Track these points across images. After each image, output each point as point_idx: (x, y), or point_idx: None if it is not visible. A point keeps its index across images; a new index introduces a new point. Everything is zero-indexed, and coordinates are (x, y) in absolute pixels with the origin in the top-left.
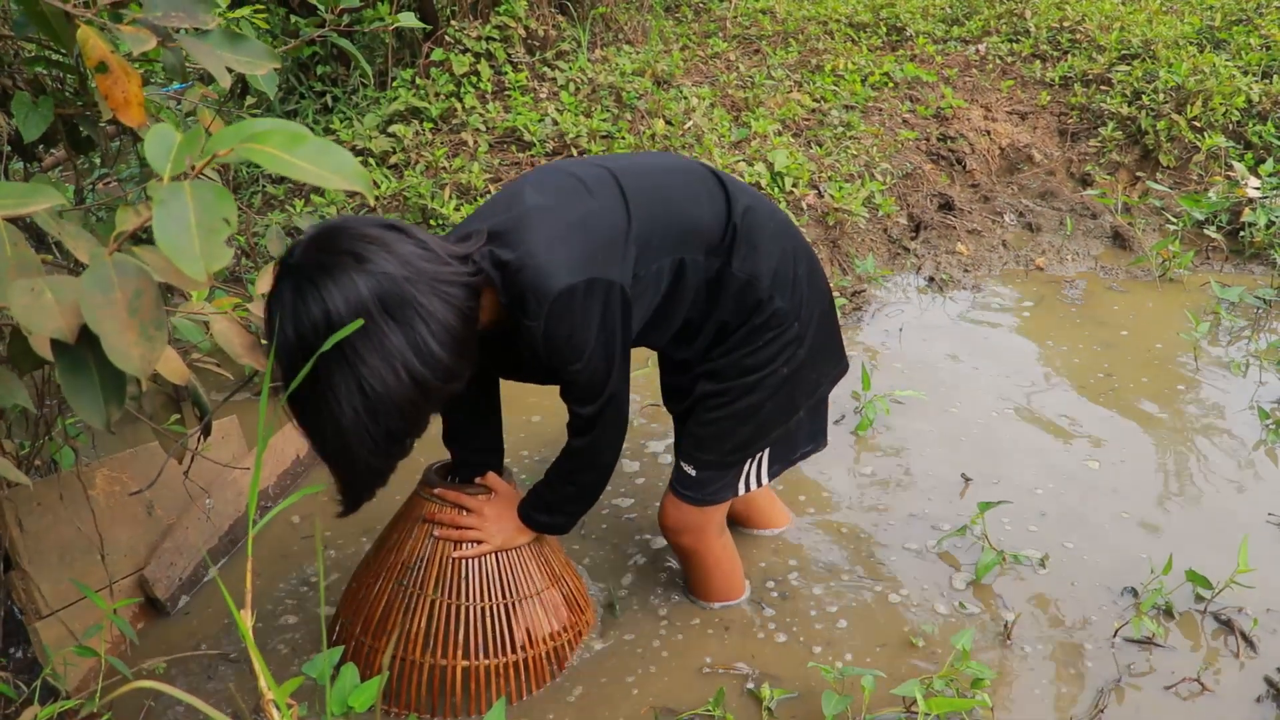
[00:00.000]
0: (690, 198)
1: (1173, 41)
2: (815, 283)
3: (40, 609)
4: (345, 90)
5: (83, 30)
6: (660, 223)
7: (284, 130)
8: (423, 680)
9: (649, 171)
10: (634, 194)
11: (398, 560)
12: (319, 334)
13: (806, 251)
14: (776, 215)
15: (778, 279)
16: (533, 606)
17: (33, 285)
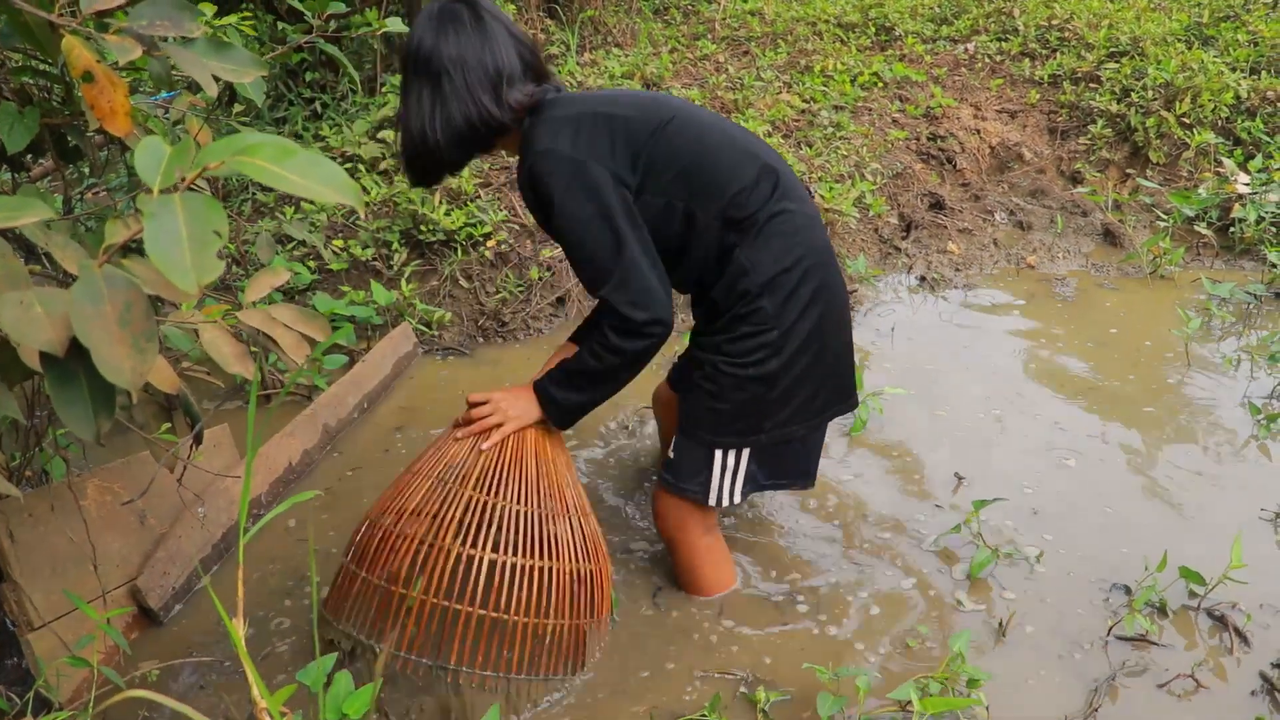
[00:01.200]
0: (728, 165)
1: (1161, 39)
2: (819, 310)
3: (32, 620)
4: (334, 96)
5: (67, 40)
6: (681, 164)
7: (274, 143)
8: (448, 567)
9: (710, 126)
10: (673, 129)
11: (438, 464)
12: (404, 49)
13: (826, 281)
14: (810, 231)
15: (775, 283)
16: (564, 525)
17: (21, 298)
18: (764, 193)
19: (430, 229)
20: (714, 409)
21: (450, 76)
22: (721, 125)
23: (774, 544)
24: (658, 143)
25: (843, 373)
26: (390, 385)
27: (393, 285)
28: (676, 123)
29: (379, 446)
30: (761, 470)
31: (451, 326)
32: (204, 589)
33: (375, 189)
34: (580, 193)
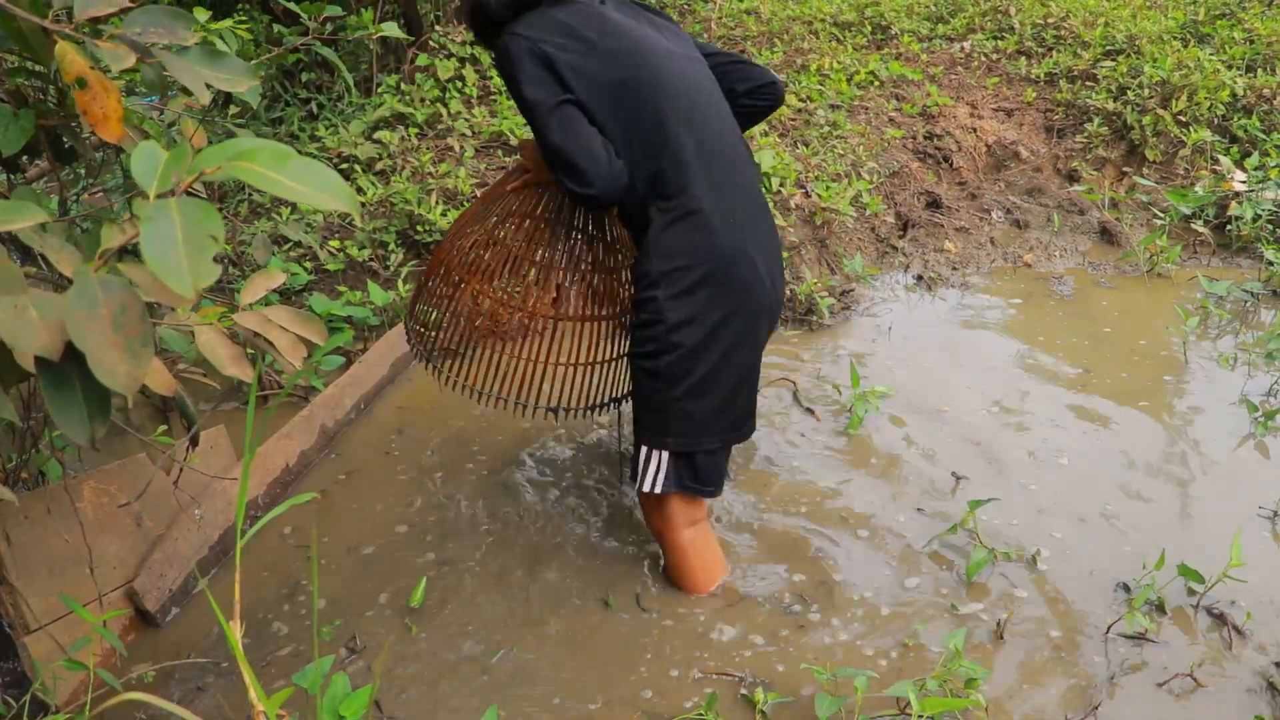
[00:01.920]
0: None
1: (1157, 36)
2: (715, 318)
3: (29, 623)
4: (330, 97)
5: (60, 46)
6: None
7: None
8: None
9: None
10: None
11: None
12: None
13: (731, 291)
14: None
15: (672, 276)
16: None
17: (16, 301)
18: (689, 175)
19: (426, 229)
20: (635, 400)
21: None
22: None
23: (771, 543)
24: (619, 95)
25: (742, 399)
26: (387, 386)
27: (389, 286)
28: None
29: (377, 448)
30: (683, 473)
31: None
32: (201, 591)
33: (371, 189)
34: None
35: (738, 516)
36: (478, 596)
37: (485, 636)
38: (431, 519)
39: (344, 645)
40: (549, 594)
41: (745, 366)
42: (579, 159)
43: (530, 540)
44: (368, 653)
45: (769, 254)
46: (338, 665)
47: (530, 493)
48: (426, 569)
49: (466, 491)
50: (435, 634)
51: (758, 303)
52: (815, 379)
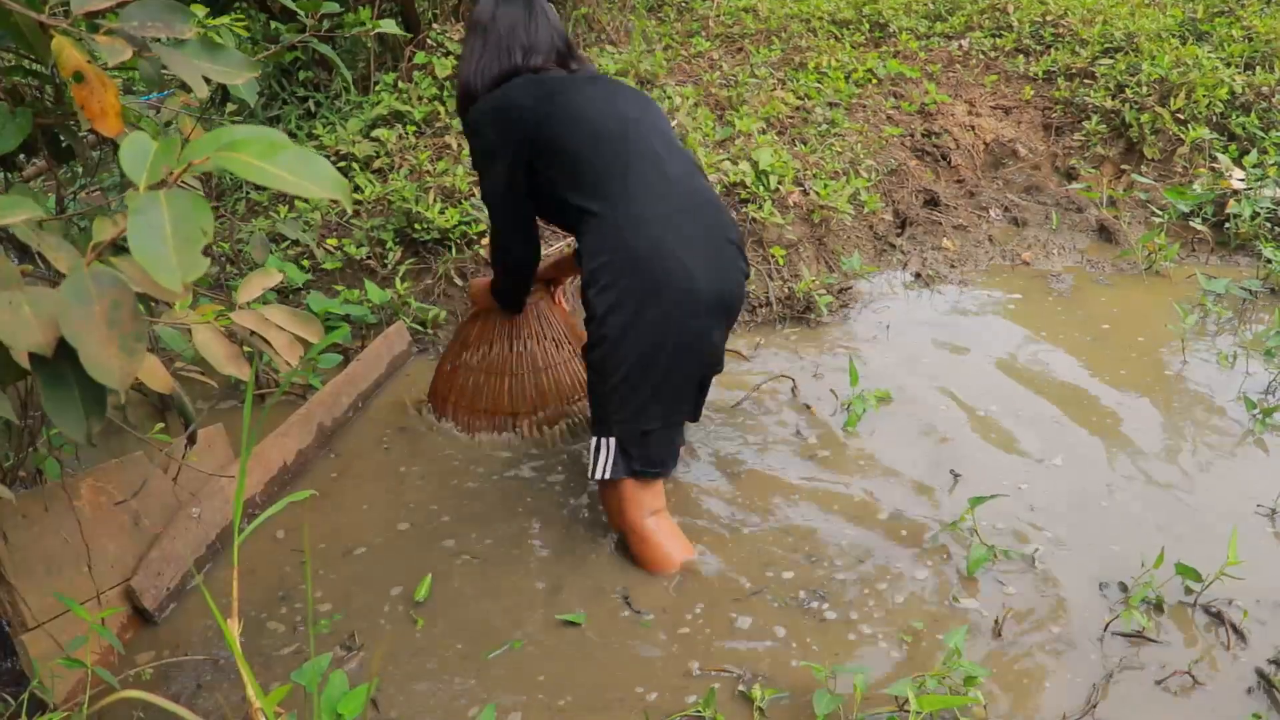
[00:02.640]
0: (589, 158)
1: (1155, 34)
2: (626, 316)
3: (26, 621)
4: (328, 95)
5: (57, 40)
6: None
7: (262, 138)
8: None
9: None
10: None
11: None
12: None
13: (644, 289)
14: (635, 235)
15: (594, 276)
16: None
17: (10, 298)
18: (607, 189)
19: (424, 227)
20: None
21: (495, 33)
22: (597, 119)
23: (769, 541)
24: (543, 131)
25: (695, 372)
26: (385, 384)
27: (387, 284)
28: (558, 101)
29: (375, 446)
30: (632, 458)
31: (446, 325)
32: (198, 589)
33: (369, 187)
34: (480, 153)
35: (733, 511)
36: (477, 595)
37: (484, 634)
38: (430, 517)
39: (342, 643)
40: (550, 591)
41: (680, 351)
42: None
43: (531, 538)
44: (366, 650)
45: (703, 248)
46: (336, 663)
47: (531, 491)
48: (426, 567)
49: (467, 490)
50: (433, 632)
51: (682, 291)
52: (813, 376)
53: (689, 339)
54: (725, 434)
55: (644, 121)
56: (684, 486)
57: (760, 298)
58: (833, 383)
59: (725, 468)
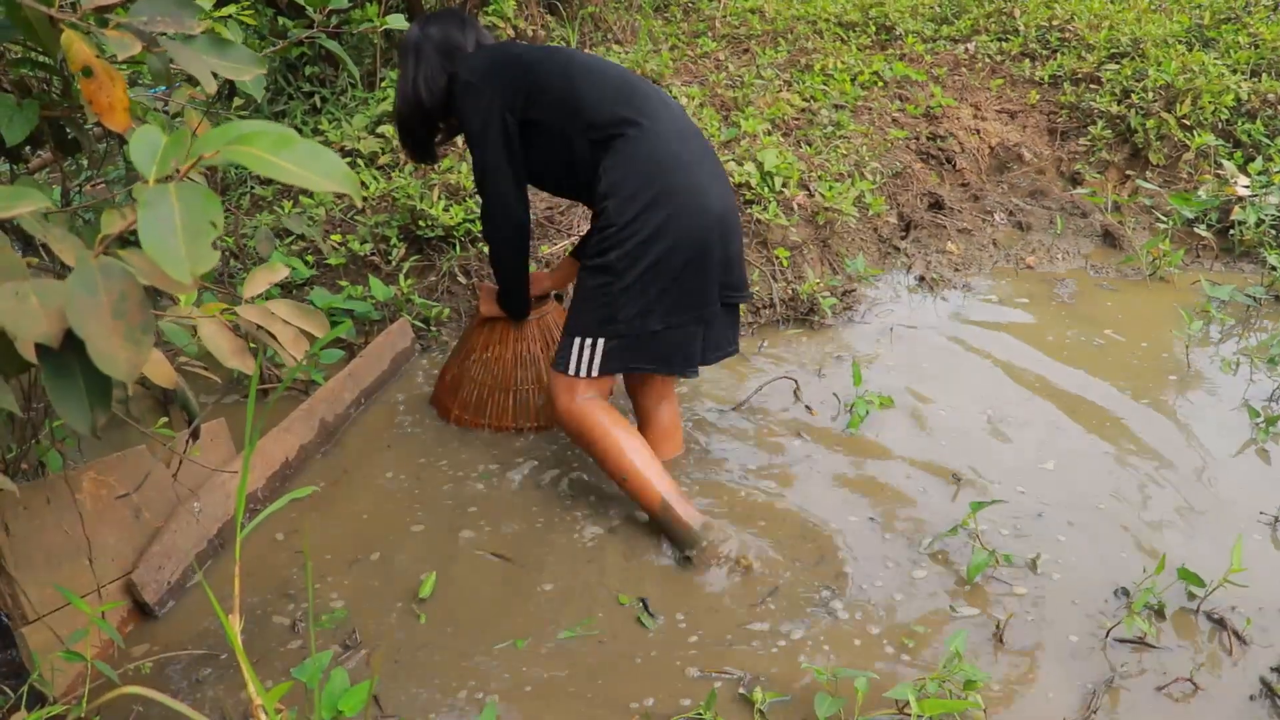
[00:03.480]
0: (588, 93)
1: (1162, 40)
2: (658, 216)
3: (27, 614)
4: (334, 91)
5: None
6: (553, 93)
7: (271, 132)
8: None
9: (579, 63)
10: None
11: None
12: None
13: (667, 191)
14: (657, 148)
15: (617, 188)
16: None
17: (17, 289)
18: (616, 115)
19: (429, 224)
20: (576, 298)
21: (428, 48)
22: (589, 63)
23: (770, 543)
24: (540, 73)
25: (690, 284)
26: (388, 381)
27: (391, 280)
28: (557, 57)
29: (377, 442)
30: (625, 354)
31: (450, 322)
32: (200, 583)
33: (374, 184)
34: (473, 112)
35: (734, 515)
36: (480, 593)
37: (486, 632)
38: (434, 516)
39: (343, 640)
40: (552, 591)
41: (692, 257)
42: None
43: (534, 536)
44: (367, 647)
45: (710, 167)
46: (337, 660)
47: (536, 488)
48: (430, 565)
49: (470, 487)
50: (435, 630)
51: (697, 202)
52: (817, 378)
53: (701, 246)
54: (728, 434)
55: (632, 74)
56: (680, 484)
57: (764, 299)
58: (835, 385)
59: (726, 468)
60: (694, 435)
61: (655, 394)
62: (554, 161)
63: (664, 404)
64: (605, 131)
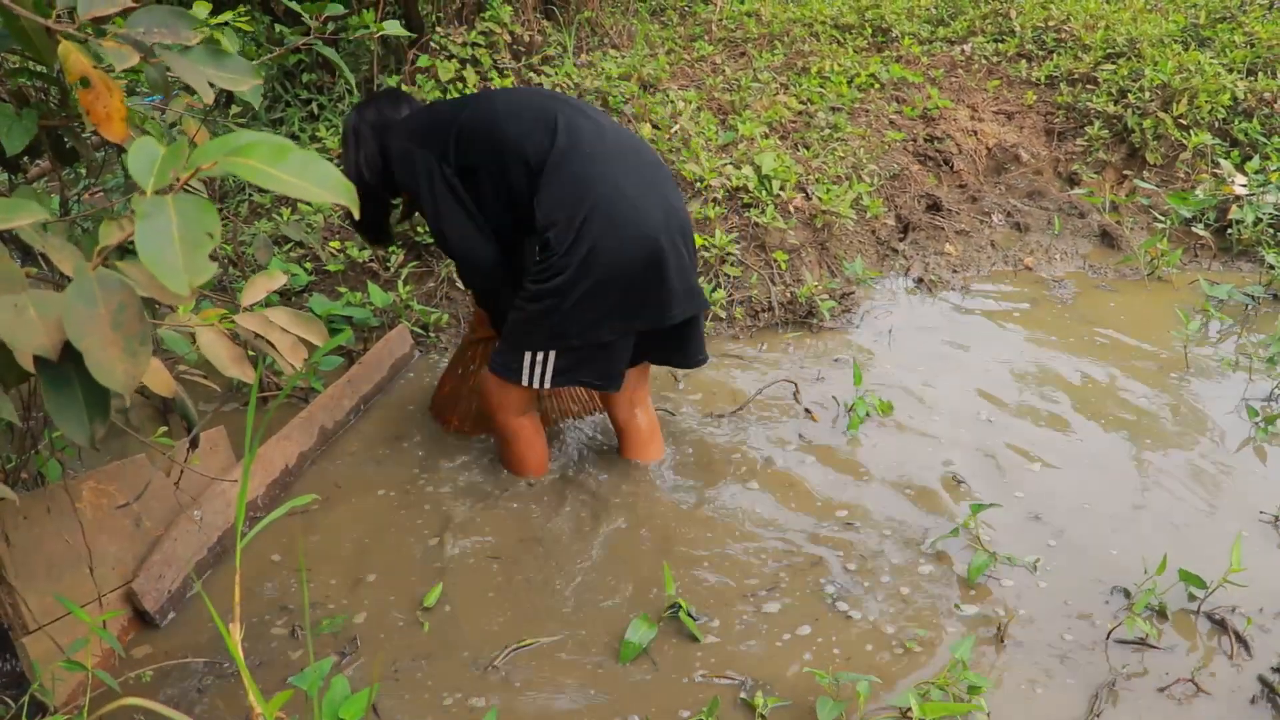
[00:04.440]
0: (515, 127)
1: (1158, 40)
2: (591, 239)
3: (27, 623)
4: (331, 98)
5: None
6: (482, 134)
7: (268, 143)
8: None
9: (503, 99)
10: (470, 109)
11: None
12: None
13: (603, 214)
14: (591, 170)
15: (555, 217)
16: None
17: (15, 300)
18: (545, 144)
19: (426, 230)
20: (516, 320)
21: (364, 130)
22: (510, 98)
23: (770, 546)
24: (463, 121)
25: (641, 297)
26: (387, 387)
27: (389, 287)
28: (476, 101)
29: (376, 449)
30: (572, 370)
31: (448, 329)
32: (200, 592)
33: None
34: (415, 177)
35: (732, 516)
36: (481, 602)
37: (486, 640)
38: (432, 519)
39: (343, 648)
40: (553, 598)
41: (635, 269)
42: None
43: (534, 543)
44: (367, 655)
45: (645, 176)
46: (337, 668)
47: (535, 494)
48: (432, 572)
49: (469, 492)
50: (435, 638)
51: (633, 214)
52: (815, 380)
53: (643, 258)
54: (727, 438)
55: (556, 93)
56: (680, 488)
57: (762, 302)
58: (834, 387)
59: (726, 471)
60: (694, 438)
61: (627, 402)
62: (497, 205)
63: (639, 410)
64: (534, 163)
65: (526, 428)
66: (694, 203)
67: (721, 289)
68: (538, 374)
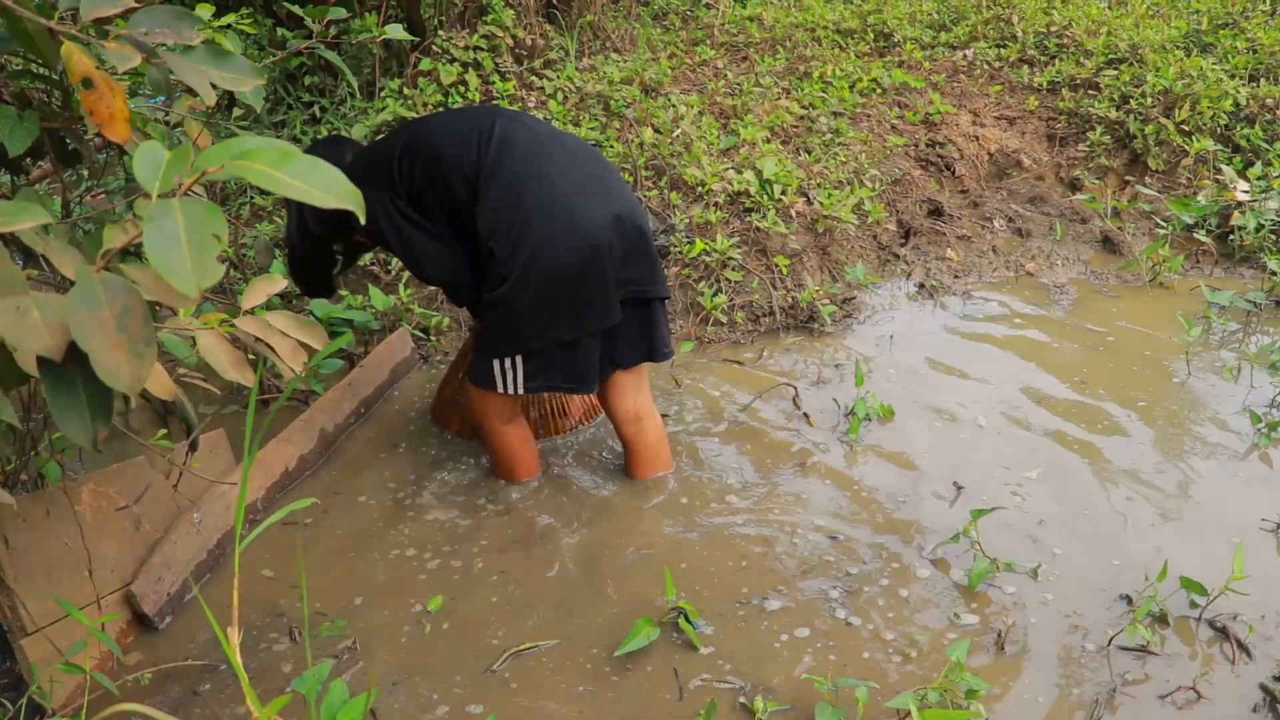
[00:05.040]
0: (448, 146)
1: (1160, 45)
2: (531, 247)
3: (26, 625)
4: (333, 100)
5: (66, 47)
6: (421, 158)
7: (274, 148)
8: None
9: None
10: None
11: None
12: None
13: (541, 220)
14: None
15: (495, 229)
16: None
17: (19, 303)
18: (479, 155)
19: None
20: (481, 329)
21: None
22: (443, 119)
23: (771, 552)
24: (401, 149)
25: (589, 291)
26: (388, 391)
27: (390, 290)
28: (412, 127)
29: (377, 451)
30: (542, 373)
31: (449, 332)
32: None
33: None
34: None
35: (731, 521)
36: (482, 606)
37: (485, 646)
38: (432, 525)
39: (342, 651)
40: (552, 605)
41: (583, 268)
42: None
43: (533, 548)
44: (366, 659)
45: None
46: (336, 671)
47: (534, 499)
48: (428, 577)
49: (469, 498)
50: (434, 643)
51: (567, 216)
52: (816, 385)
53: (586, 254)
54: (727, 442)
55: (493, 106)
56: (680, 493)
57: (764, 306)
58: (835, 391)
59: (725, 476)
60: (693, 443)
61: (631, 415)
62: (449, 225)
63: (646, 421)
64: (470, 175)
65: (512, 435)
66: (695, 207)
67: (723, 293)
68: (510, 379)
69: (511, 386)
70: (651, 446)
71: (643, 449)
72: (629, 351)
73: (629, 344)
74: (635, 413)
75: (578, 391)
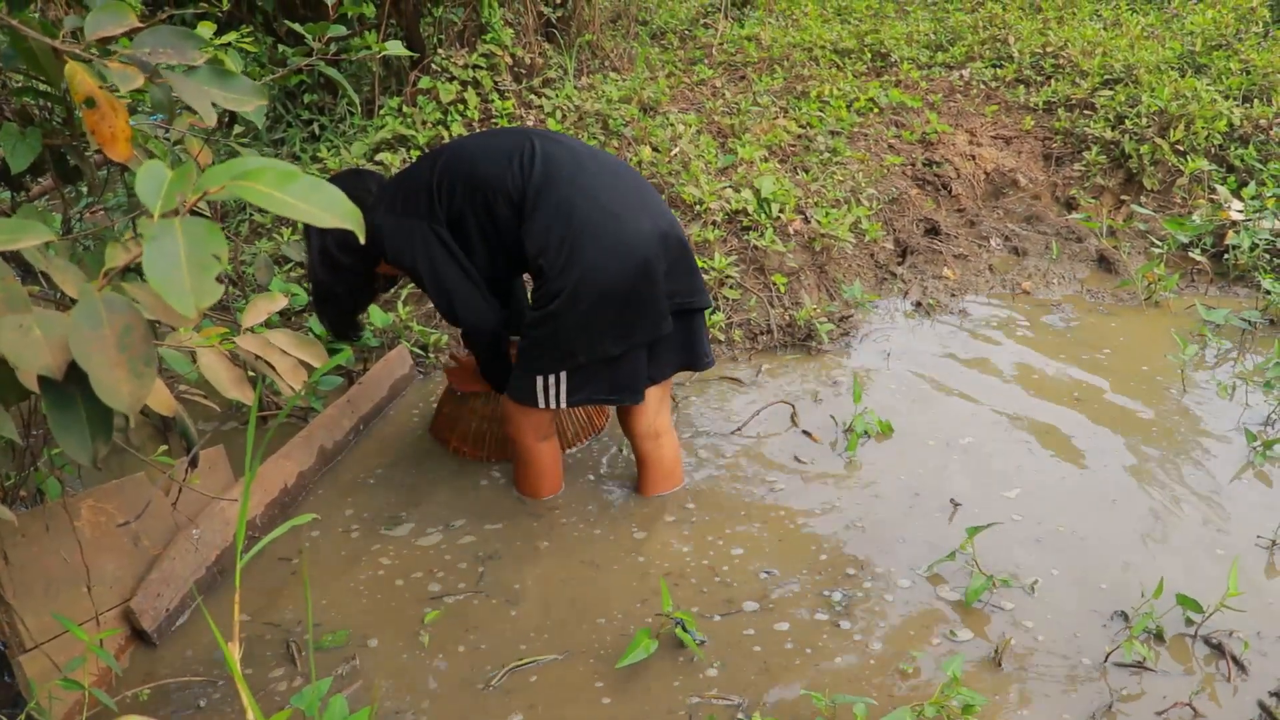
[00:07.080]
0: (492, 165)
1: (1154, 66)
2: (583, 263)
3: (24, 641)
4: (332, 118)
5: (70, 66)
6: (461, 179)
7: (275, 168)
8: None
9: (475, 141)
10: (445, 157)
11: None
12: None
13: (590, 236)
14: (573, 197)
15: (545, 246)
16: None
17: (20, 321)
18: (524, 176)
19: None
20: (524, 346)
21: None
22: (480, 142)
23: (767, 566)
24: (439, 173)
25: (639, 307)
26: (386, 407)
27: (389, 307)
28: (448, 151)
29: (375, 468)
30: (587, 387)
31: (447, 349)
32: (198, 611)
33: None
34: (412, 250)
35: (729, 536)
36: (477, 619)
37: (484, 660)
38: (432, 539)
39: (343, 668)
40: (550, 616)
41: (632, 285)
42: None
43: (532, 561)
44: (366, 675)
45: (631, 195)
46: (336, 687)
47: (533, 513)
48: (428, 592)
49: (468, 512)
50: (434, 657)
51: (621, 232)
52: (814, 402)
53: (636, 270)
54: (726, 458)
55: (525, 128)
56: (679, 508)
57: (761, 324)
58: (833, 409)
59: (723, 491)
60: (693, 459)
61: (650, 431)
62: (485, 249)
63: (663, 438)
64: (516, 196)
65: (546, 453)
66: (693, 225)
67: (721, 311)
68: (552, 395)
69: (554, 401)
70: (667, 463)
71: (658, 465)
72: (666, 364)
73: (667, 355)
74: (655, 429)
75: (624, 403)
